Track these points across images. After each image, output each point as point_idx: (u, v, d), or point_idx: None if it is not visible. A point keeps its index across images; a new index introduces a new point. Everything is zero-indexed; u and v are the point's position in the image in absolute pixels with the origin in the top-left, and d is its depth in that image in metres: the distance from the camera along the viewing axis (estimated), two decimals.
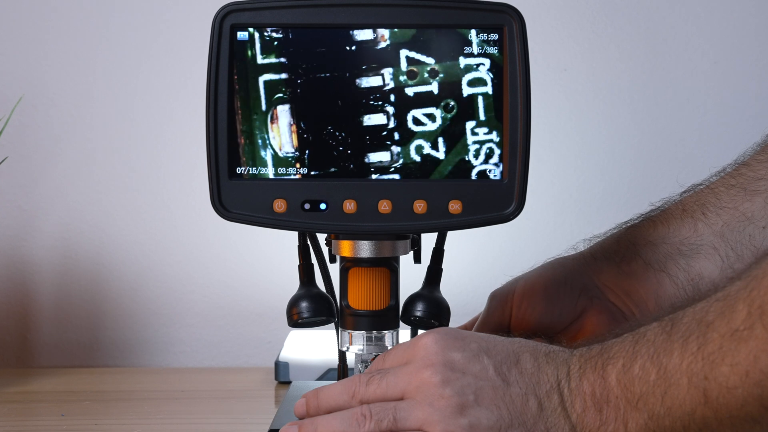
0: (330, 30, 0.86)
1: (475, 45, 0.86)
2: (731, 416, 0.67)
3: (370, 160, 0.86)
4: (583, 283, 0.98)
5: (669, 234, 0.98)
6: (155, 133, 1.33)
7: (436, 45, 0.86)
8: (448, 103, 0.86)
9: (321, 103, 0.86)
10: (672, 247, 0.98)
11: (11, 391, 1.15)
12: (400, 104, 0.86)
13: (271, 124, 0.86)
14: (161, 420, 1.04)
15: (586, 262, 0.99)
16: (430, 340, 0.81)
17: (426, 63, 0.86)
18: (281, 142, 0.86)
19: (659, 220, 0.99)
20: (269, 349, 1.34)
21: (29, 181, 1.33)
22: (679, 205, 1.00)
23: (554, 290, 0.97)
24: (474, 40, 0.86)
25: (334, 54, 0.86)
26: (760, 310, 0.64)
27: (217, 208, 0.87)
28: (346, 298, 0.90)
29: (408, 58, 0.86)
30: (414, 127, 0.86)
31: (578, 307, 0.97)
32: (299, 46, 0.86)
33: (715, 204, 0.98)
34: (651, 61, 1.33)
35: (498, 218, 0.87)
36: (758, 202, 0.97)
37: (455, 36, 0.86)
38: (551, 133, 1.33)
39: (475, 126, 0.86)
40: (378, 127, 0.86)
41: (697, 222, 0.98)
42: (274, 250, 1.32)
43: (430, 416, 0.78)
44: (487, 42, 0.86)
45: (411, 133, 0.86)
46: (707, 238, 0.97)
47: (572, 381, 0.77)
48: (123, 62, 1.32)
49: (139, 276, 1.33)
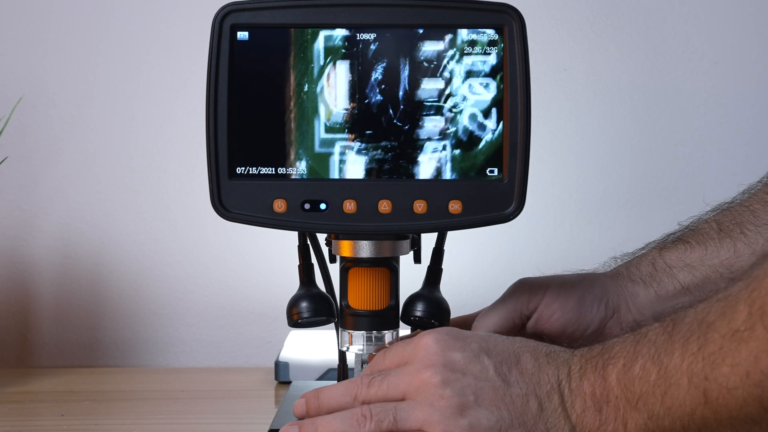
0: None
1: (475, 45, 0.86)
2: (731, 417, 0.67)
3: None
4: (617, 304, 0.95)
5: (707, 256, 0.95)
6: (155, 133, 1.33)
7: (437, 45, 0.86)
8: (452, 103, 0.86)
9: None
10: (711, 269, 0.95)
11: (11, 391, 1.15)
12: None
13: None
14: (161, 420, 1.04)
15: (622, 284, 0.96)
16: (431, 340, 0.81)
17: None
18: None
19: (695, 242, 0.96)
20: (269, 349, 1.34)
21: (29, 181, 1.33)
22: (714, 225, 0.96)
23: (588, 303, 0.95)
24: (474, 40, 0.86)
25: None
26: (760, 311, 0.64)
27: (217, 208, 0.87)
28: (346, 298, 0.90)
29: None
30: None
31: (606, 325, 0.95)
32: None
33: (753, 222, 0.95)
34: (651, 61, 1.33)
35: (498, 218, 0.87)
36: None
37: (459, 36, 0.86)
38: (551, 133, 1.33)
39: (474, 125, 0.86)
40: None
41: (736, 242, 0.94)
42: (274, 250, 1.32)
43: (430, 417, 0.78)
44: (487, 42, 0.86)
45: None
46: (748, 259, 0.93)
47: (573, 381, 0.77)
48: (123, 62, 1.32)
49: (139, 276, 1.33)
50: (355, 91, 0.86)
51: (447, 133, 0.86)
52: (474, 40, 0.86)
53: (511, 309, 0.94)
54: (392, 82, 0.86)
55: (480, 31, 0.86)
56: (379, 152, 0.86)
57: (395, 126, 0.86)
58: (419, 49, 0.86)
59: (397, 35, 0.86)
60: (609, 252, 1.05)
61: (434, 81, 0.86)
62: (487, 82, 0.86)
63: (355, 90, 0.86)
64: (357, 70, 0.86)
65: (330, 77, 0.86)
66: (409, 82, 0.86)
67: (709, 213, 0.99)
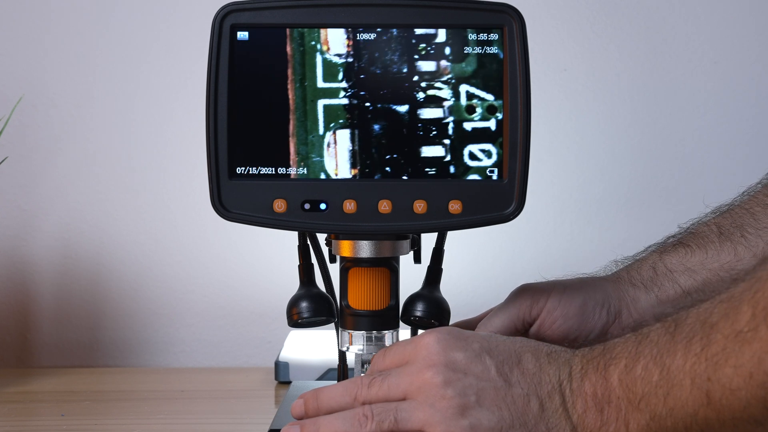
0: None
1: (475, 45, 0.86)
2: (734, 418, 0.67)
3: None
4: (618, 309, 0.94)
5: (707, 260, 0.94)
6: (155, 133, 1.33)
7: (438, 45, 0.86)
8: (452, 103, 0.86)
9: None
10: (712, 273, 0.94)
11: (11, 391, 1.15)
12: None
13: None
14: (161, 420, 1.04)
15: (624, 289, 0.95)
16: (432, 339, 0.81)
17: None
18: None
19: (695, 245, 0.95)
20: (269, 349, 1.34)
21: (29, 181, 1.33)
22: (714, 228, 0.95)
23: (591, 309, 0.94)
24: (474, 39, 0.86)
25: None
26: (764, 312, 0.64)
27: (217, 208, 0.87)
28: (346, 298, 0.90)
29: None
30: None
31: (608, 330, 0.94)
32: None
33: (753, 225, 0.94)
34: (651, 61, 1.33)
35: (498, 218, 0.87)
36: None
37: (458, 36, 0.86)
38: (551, 133, 1.33)
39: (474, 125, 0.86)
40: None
41: (736, 246, 0.93)
42: (274, 250, 1.32)
43: (431, 417, 0.78)
44: (487, 42, 0.86)
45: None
46: (749, 262, 0.93)
47: (574, 382, 0.77)
48: (123, 62, 1.32)
49: (139, 276, 1.33)
50: (363, 88, 0.86)
51: (447, 132, 0.86)
52: (474, 40, 0.86)
53: (513, 316, 0.94)
54: (392, 81, 0.86)
55: (480, 31, 0.86)
56: (379, 152, 0.86)
57: (395, 125, 0.86)
58: (419, 49, 0.86)
59: (397, 35, 0.86)
60: (609, 252, 1.05)
61: (434, 81, 0.86)
62: (487, 82, 0.86)
63: (362, 87, 0.86)
64: (357, 70, 0.86)
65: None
66: (409, 82, 0.86)
67: (708, 215, 0.98)
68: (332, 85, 0.86)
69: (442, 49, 0.86)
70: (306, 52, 0.86)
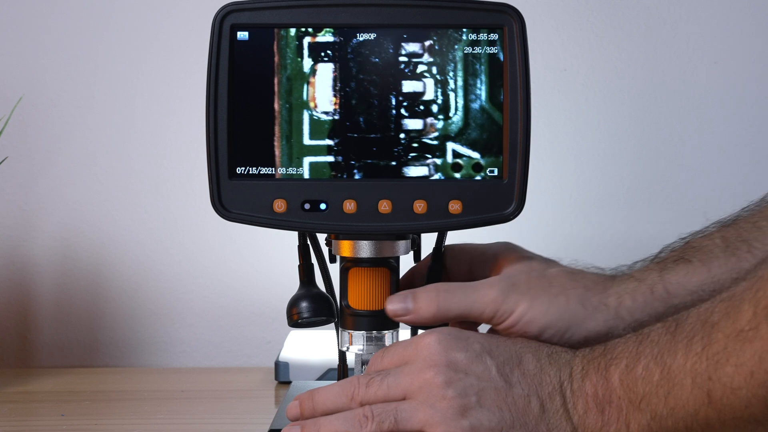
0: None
1: (474, 45, 0.86)
2: (735, 417, 0.67)
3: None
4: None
5: (710, 279, 0.86)
6: (155, 133, 1.33)
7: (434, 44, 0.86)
8: (452, 103, 0.86)
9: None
10: (712, 296, 0.83)
11: (11, 391, 1.15)
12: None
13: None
14: (161, 420, 1.04)
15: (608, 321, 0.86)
16: (433, 339, 0.81)
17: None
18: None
19: (698, 261, 0.88)
20: (269, 349, 1.34)
21: (29, 181, 1.33)
22: (719, 242, 0.89)
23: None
24: (474, 40, 0.86)
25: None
26: (765, 311, 0.64)
27: (217, 208, 0.87)
28: (346, 298, 0.90)
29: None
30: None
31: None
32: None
33: (760, 239, 0.88)
34: (651, 61, 1.33)
35: (498, 218, 0.87)
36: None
37: (456, 36, 0.86)
38: (551, 133, 1.33)
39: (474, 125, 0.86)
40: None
41: (742, 263, 0.87)
42: (274, 250, 1.32)
43: (432, 418, 0.78)
44: (487, 42, 0.86)
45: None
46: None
47: (575, 382, 0.77)
48: (123, 62, 1.32)
49: (139, 276, 1.33)
50: (356, 91, 0.86)
51: (447, 132, 0.86)
52: (474, 40, 0.86)
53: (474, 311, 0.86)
54: (393, 82, 0.86)
55: (480, 31, 0.86)
56: (379, 152, 0.86)
57: (396, 126, 0.86)
58: (419, 49, 0.86)
59: (398, 35, 0.86)
60: (609, 252, 1.05)
61: (434, 81, 0.86)
62: (487, 82, 0.86)
63: (355, 90, 0.86)
64: (357, 70, 0.86)
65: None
66: (409, 82, 0.86)
67: (711, 228, 0.92)
68: None
69: (443, 49, 0.86)
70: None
